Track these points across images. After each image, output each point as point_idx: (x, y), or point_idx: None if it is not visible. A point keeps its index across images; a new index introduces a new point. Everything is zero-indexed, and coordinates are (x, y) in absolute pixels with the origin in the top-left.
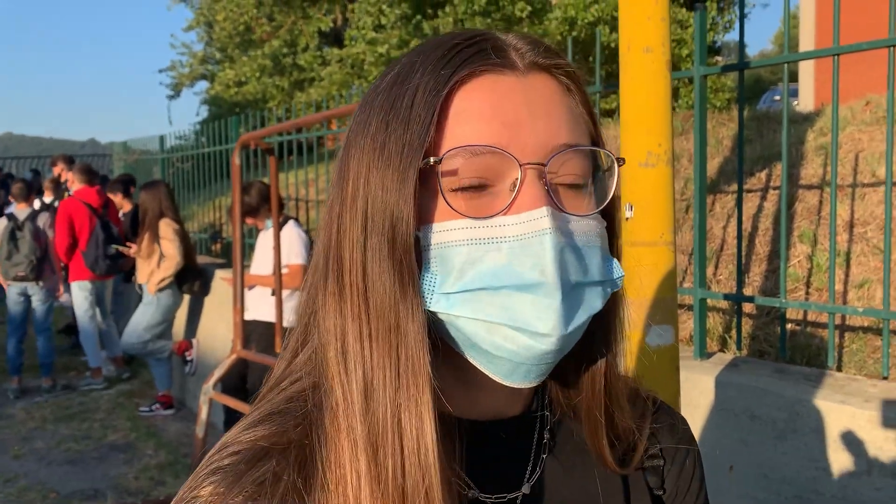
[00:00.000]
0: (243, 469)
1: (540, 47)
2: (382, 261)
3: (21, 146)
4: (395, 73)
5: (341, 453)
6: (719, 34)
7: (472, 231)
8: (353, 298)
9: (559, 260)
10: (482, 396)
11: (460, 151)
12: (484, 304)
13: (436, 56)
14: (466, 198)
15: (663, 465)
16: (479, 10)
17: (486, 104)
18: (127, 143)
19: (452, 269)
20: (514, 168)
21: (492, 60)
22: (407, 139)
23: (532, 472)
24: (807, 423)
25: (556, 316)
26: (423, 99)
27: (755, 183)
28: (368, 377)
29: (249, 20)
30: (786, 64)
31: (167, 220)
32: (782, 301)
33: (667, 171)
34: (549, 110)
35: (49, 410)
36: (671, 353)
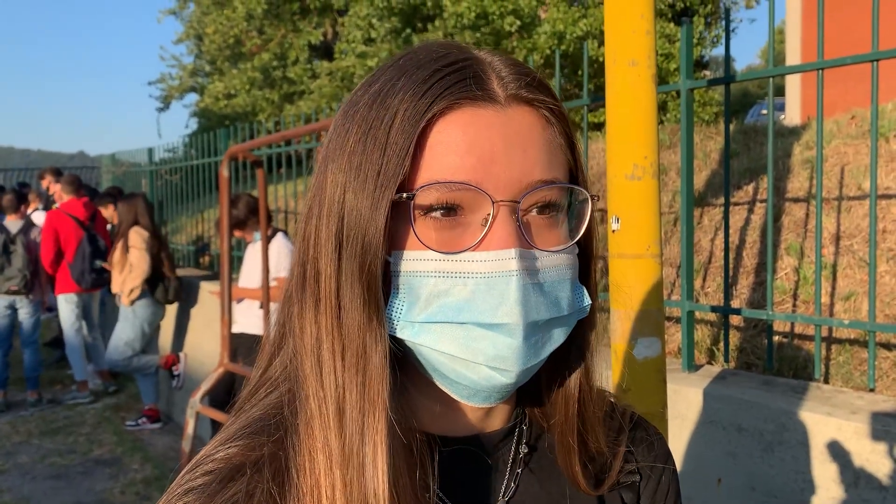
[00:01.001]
0: (216, 489)
1: (524, 79)
2: (354, 284)
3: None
4: (377, 91)
5: (316, 464)
6: (707, 49)
7: (441, 263)
8: (327, 314)
9: (523, 302)
10: (457, 411)
11: (434, 186)
12: (447, 337)
13: (417, 79)
14: (438, 228)
15: (639, 480)
16: (468, 24)
17: (462, 138)
18: (115, 155)
19: (419, 298)
20: (488, 203)
21: (472, 93)
22: (382, 166)
23: (507, 486)
24: (794, 436)
25: (516, 355)
26: (400, 126)
27: (742, 196)
28: (341, 394)
29: (239, 33)
30: (771, 78)
31: (137, 228)
32: (769, 313)
33: (653, 184)
34: (525, 146)
35: (34, 424)
36: (658, 365)
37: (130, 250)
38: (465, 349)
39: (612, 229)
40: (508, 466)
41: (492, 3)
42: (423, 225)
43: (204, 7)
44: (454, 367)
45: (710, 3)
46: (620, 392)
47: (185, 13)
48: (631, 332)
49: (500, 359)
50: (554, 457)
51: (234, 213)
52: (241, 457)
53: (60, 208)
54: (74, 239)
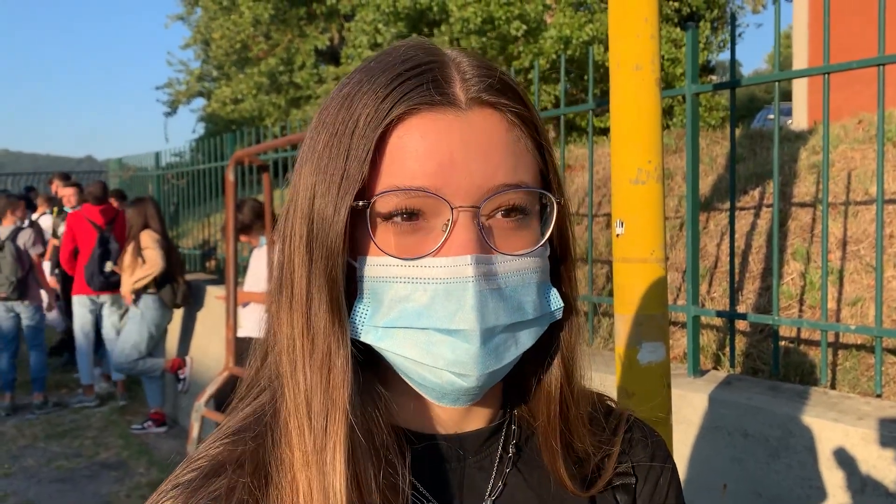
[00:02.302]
0: (199, 485)
1: (487, 81)
2: (321, 288)
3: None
4: (343, 95)
5: (294, 460)
6: (713, 53)
7: (401, 269)
8: (299, 314)
9: (479, 308)
10: (434, 408)
11: (395, 193)
12: (409, 342)
13: (380, 83)
14: (399, 233)
15: (635, 483)
16: (474, 28)
17: (421, 143)
18: (122, 159)
19: (382, 303)
20: (447, 209)
21: (431, 97)
22: (344, 171)
23: (495, 485)
24: (800, 441)
25: (474, 360)
26: (362, 131)
27: (748, 201)
28: (309, 394)
29: (246, 38)
30: (777, 82)
31: (148, 231)
32: (775, 318)
33: (657, 188)
34: (487, 150)
35: (40, 428)
36: (662, 370)
37: (144, 251)
38: (426, 354)
39: (617, 233)
40: (495, 466)
41: (498, 8)
42: (385, 230)
43: (211, 12)
44: (418, 370)
45: (717, 7)
46: (625, 396)
47: (192, 18)
48: (635, 336)
49: (460, 364)
50: (541, 457)
51: (239, 217)
52: (225, 455)
53: (81, 211)
54: (90, 242)
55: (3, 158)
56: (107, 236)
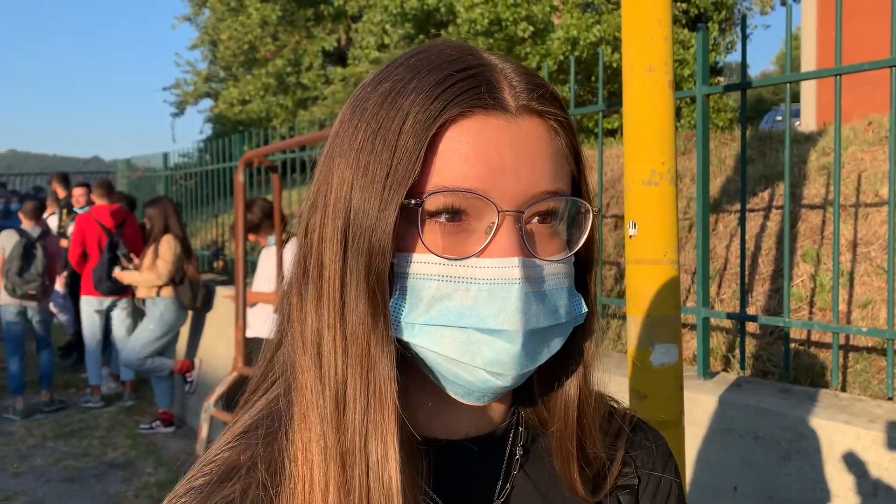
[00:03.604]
0: (212, 489)
1: (537, 91)
2: (359, 281)
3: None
4: (387, 89)
5: (309, 454)
6: (721, 55)
7: (445, 268)
8: (330, 308)
9: (524, 310)
10: (450, 410)
11: (444, 194)
12: (447, 340)
13: (429, 83)
14: (443, 233)
15: (638, 483)
16: (481, 29)
17: (472, 146)
18: (130, 160)
19: (420, 301)
20: (493, 212)
21: (484, 101)
22: (392, 169)
23: (502, 488)
24: (811, 444)
25: (514, 361)
26: (412, 129)
27: (758, 202)
28: (341, 391)
29: (254, 39)
30: (788, 84)
31: (169, 237)
32: (786, 320)
33: (670, 190)
34: (534, 156)
35: (49, 427)
36: (675, 372)
37: (159, 262)
38: (465, 353)
39: (630, 235)
40: (503, 468)
41: (505, 9)
42: (429, 229)
43: (219, 13)
44: (451, 368)
45: (725, 9)
46: (637, 398)
47: (199, 19)
48: (648, 338)
49: (499, 363)
50: (550, 460)
51: (248, 217)
52: (237, 457)
53: (90, 213)
54: (98, 245)
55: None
56: (116, 241)
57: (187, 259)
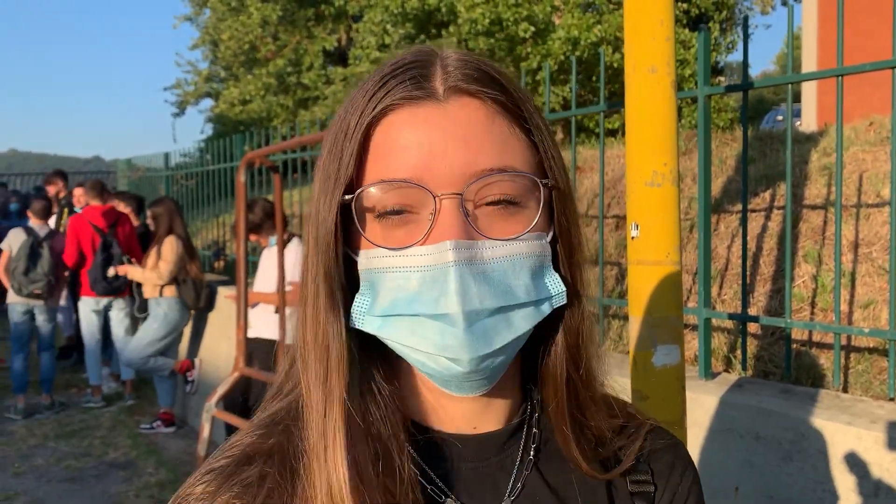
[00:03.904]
0: (232, 471)
1: (467, 71)
2: (320, 282)
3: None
4: (350, 99)
5: (310, 454)
6: (722, 55)
7: (391, 259)
8: (309, 312)
9: (461, 292)
10: (454, 404)
11: (377, 186)
12: (404, 330)
13: (367, 87)
14: (388, 226)
15: (654, 490)
16: (482, 30)
17: (402, 137)
18: (131, 160)
19: (378, 293)
20: (431, 198)
21: (410, 93)
22: (334, 171)
23: (514, 486)
24: (812, 445)
25: (461, 344)
26: (350, 133)
27: (759, 203)
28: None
29: (254, 39)
30: (790, 84)
31: (172, 238)
32: (787, 321)
33: (673, 191)
34: (466, 137)
35: (50, 427)
36: (677, 373)
37: (161, 263)
38: (420, 340)
39: (632, 236)
40: (515, 466)
41: (506, 10)
42: (375, 224)
43: (219, 13)
44: (417, 357)
45: (726, 9)
46: (639, 399)
47: (200, 19)
48: (650, 339)
49: (449, 348)
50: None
51: (250, 217)
52: (257, 445)
53: (82, 214)
54: (92, 247)
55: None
56: (109, 241)
57: (190, 259)
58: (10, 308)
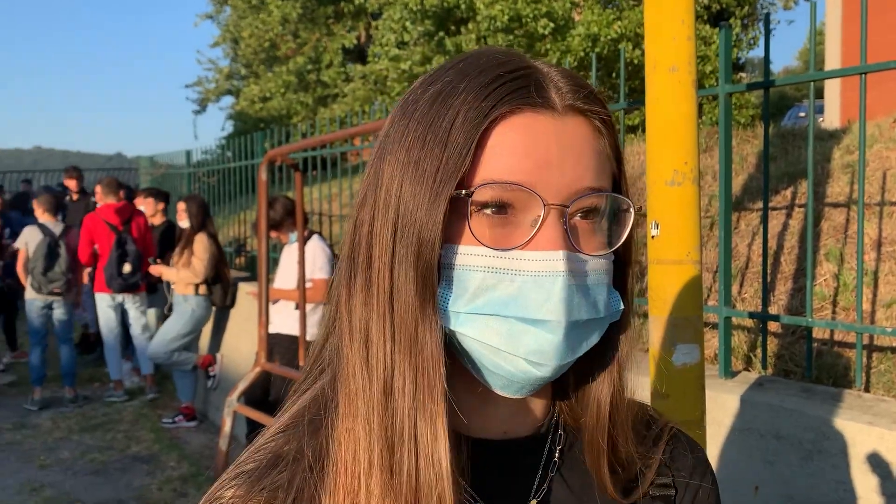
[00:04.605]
0: (262, 474)
1: (581, 92)
2: (408, 270)
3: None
4: (437, 90)
5: (355, 437)
6: (743, 51)
7: (491, 259)
8: (379, 297)
9: (567, 301)
10: (491, 409)
11: (491, 185)
12: (491, 329)
13: (479, 83)
14: (490, 226)
15: (675, 494)
16: (501, 26)
17: (520, 142)
18: (153, 157)
19: (466, 290)
20: (539, 205)
21: (532, 100)
22: (442, 163)
23: (539, 488)
24: (834, 445)
25: (555, 351)
26: (462, 126)
27: (780, 201)
28: (389, 376)
29: (274, 37)
30: (812, 82)
31: (202, 235)
32: (808, 320)
33: (693, 190)
34: (579, 153)
35: (74, 421)
36: (697, 372)
37: (195, 261)
38: (507, 342)
39: (652, 235)
40: (540, 469)
41: (525, 6)
42: (477, 221)
43: (240, 11)
44: (493, 358)
45: (747, 4)
46: (659, 398)
47: (221, 17)
48: (669, 338)
49: (540, 353)
50: (585, 464)
51: (270, 214)
52: (285, 445)
53: (97, 212)
54: (107, 244)
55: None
56: (124, 238)
57: (219, 257)
58: (28, 304)
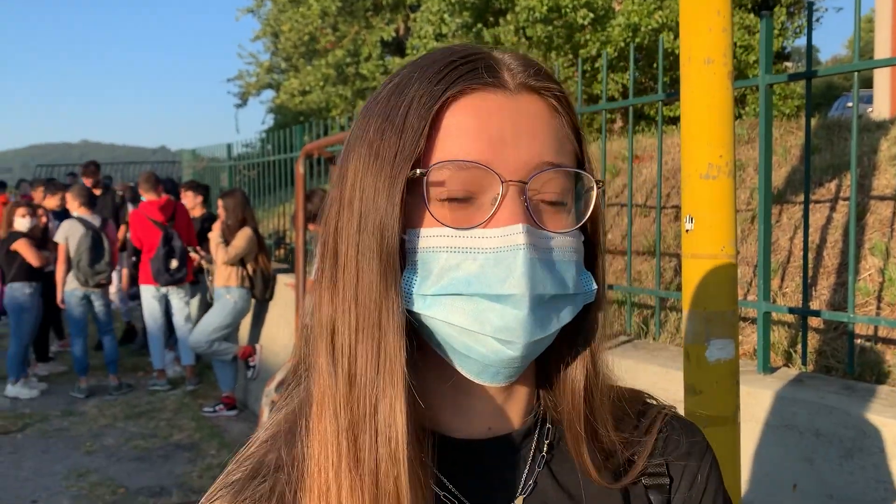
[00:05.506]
0: (244, 485)
1: (531, 69)
2: (372, 259)
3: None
4: (394, 85)
5: (325, 437)
6: (788, 40)
7: (452, 239)
8: (345, 292)
9: (530, 275)
10: (474, 404)
11: (447, 165)
12: (457, 309)
13: (431, 71)
14: (451, 208)
15: (670, 483)
16: (540, 17)
17: (474, 121)
18: (196, 150)
19: (431, 272)
20: (497, 183)
21: (483, 79)
22: (399, 148)
23: (526, 484)
24: (875, 443)
25: (521, 326)
26: (416, 111)
27: (824, 193)
28: (353, 366)
29: (314, 30)
30: (857, 72)
31: (247, 230)
32: (851, 316)
33: (728, 183)
34: (534, 130)
35: (119, 408)
36: (731, 368)
37: (230, 248)
38: (474, 321)
39: (686, 229)
40: (527, 465)
41: None
42: (436, 204)
43: (280, 5)
44: (463, 339)
45: None
46: (692, 394)
47: (262, 11)
48: (704, 333)
49: (507, 330)
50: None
51: (308, 207)
52: (266, 454)
53: (140, 209)
54: (153, 239)
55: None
56: (170, 234)
57: (260, 251)
58: (68, 295)
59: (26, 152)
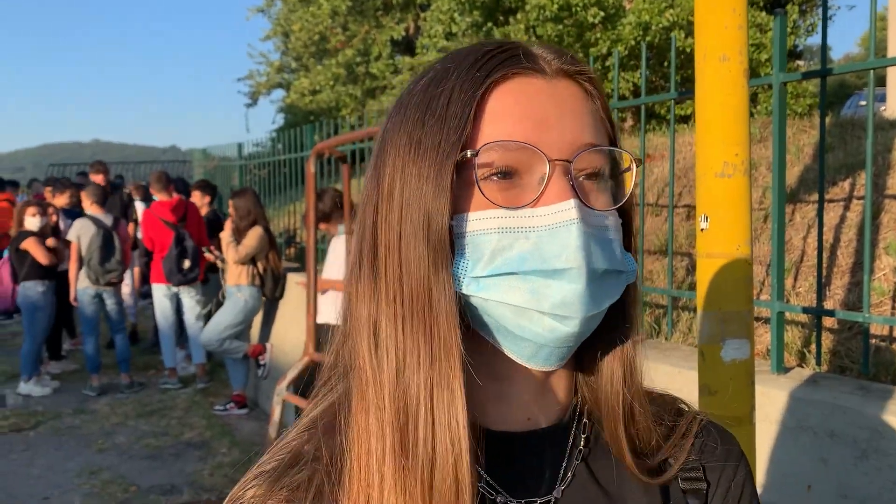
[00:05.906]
0: (281, 473)
1: (565, 55)
2: (418, 246)
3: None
4: (430, 78)
5: (368, 430)
6: (801, 38)
7: (503, 220)
8: (387, 283)
9: (585, 248)
10: (513, 392)
11: (495, 146)
12: (512, 288)
13: (469, 61)
14: (499, 188)
15: (707, 488)
16: (550, 16)
17: (517, 104)
18: (206, 149)
19: (483, 255)
20: (543, 163)
21: (523, 64)
22: (444, 135)
23: (564, 476)
24: (890, 444)
25: (580, 300)
26: (458, 98)
27: (838, 192)
28: (401, 357)
29: (324, 30)
30: (871, 70)
31: (258, 229)
32: (865, 315)
33: (744, 182)
34: (574, 112)
35: (130, 407)
36: (747, 368)
37: (240, 247)
38: (531, 299)
39: (701, 228)
40: (565, 458)
41: None
42: (486, 185)
43: (290, 4)
44: (517, 321)
45: None
46: (707, 394)
47: (272, 11)
48: (719, 333)
49: (565, 305)
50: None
51: (319, 206)
52: (304, 444)
53: (151, 210)
54: (166, 240)
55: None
56: (182, 234)
57: (271, 250)
58: (80, 293)
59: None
